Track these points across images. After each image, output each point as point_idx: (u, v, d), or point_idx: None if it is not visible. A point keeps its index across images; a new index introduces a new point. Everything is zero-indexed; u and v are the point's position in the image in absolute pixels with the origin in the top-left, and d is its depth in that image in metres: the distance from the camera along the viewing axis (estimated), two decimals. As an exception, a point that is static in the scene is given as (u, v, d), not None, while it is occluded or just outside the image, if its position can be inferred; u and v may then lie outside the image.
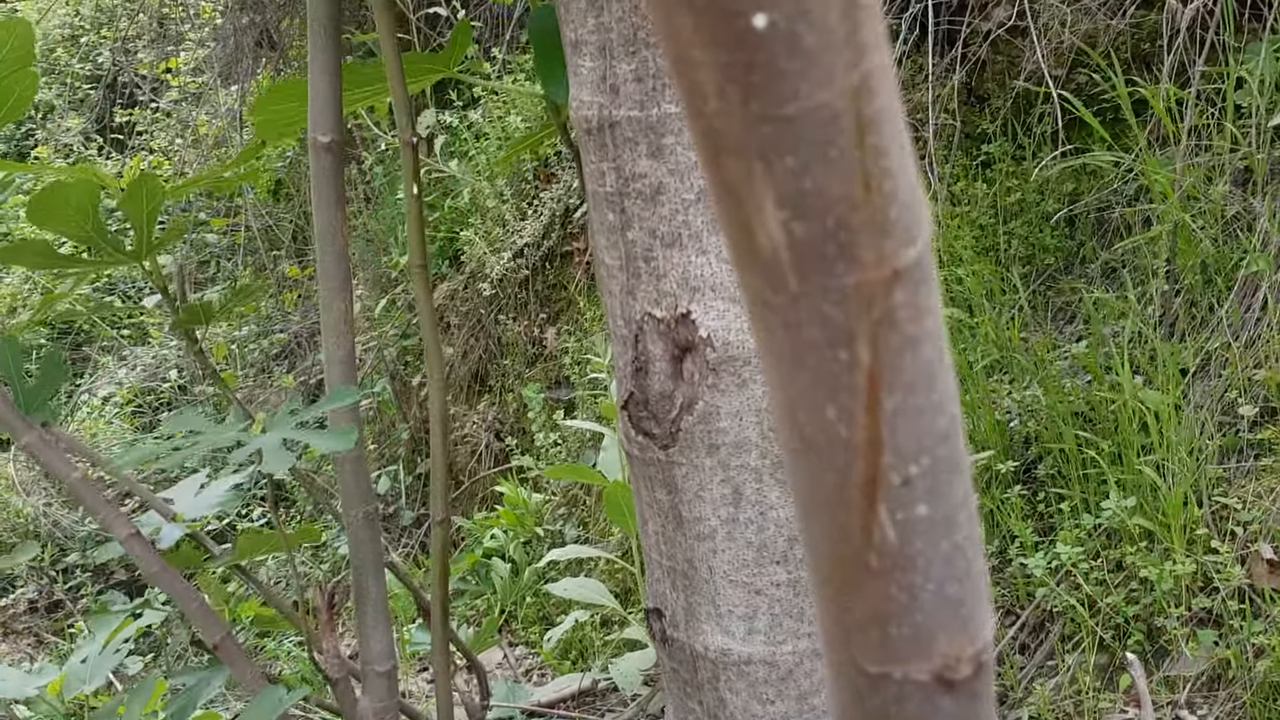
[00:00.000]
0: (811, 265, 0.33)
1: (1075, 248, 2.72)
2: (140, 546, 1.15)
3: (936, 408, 0.36)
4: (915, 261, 0.34)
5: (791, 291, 0.34)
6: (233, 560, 1.31)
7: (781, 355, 0.35)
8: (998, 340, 2.53)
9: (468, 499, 4.09)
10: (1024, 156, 2.82)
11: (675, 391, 1.06)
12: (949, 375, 0.36)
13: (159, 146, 6.57)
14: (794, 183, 0.32)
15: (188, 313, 1.24)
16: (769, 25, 0.29)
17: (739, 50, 0.29)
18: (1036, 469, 2.34)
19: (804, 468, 0.38)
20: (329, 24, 1.22)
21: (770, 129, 0.31)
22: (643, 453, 1.10)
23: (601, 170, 1.03)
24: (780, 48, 0.29)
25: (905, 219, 0.33)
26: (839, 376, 0.35)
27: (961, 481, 0.38)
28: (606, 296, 1.09)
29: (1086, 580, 2.07)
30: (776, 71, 0.30)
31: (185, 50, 6.36)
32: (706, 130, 0.32)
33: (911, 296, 0.34)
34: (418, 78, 1.29)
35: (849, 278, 0.33)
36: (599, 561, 3.09)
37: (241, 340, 5.74)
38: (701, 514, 1.07)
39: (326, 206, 1.22)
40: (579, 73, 1.02)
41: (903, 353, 0.35)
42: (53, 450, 1.14)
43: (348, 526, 1.22)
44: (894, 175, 0.32)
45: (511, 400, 4.03)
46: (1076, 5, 2.60)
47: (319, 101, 1.21)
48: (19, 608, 4.49)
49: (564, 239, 3.88)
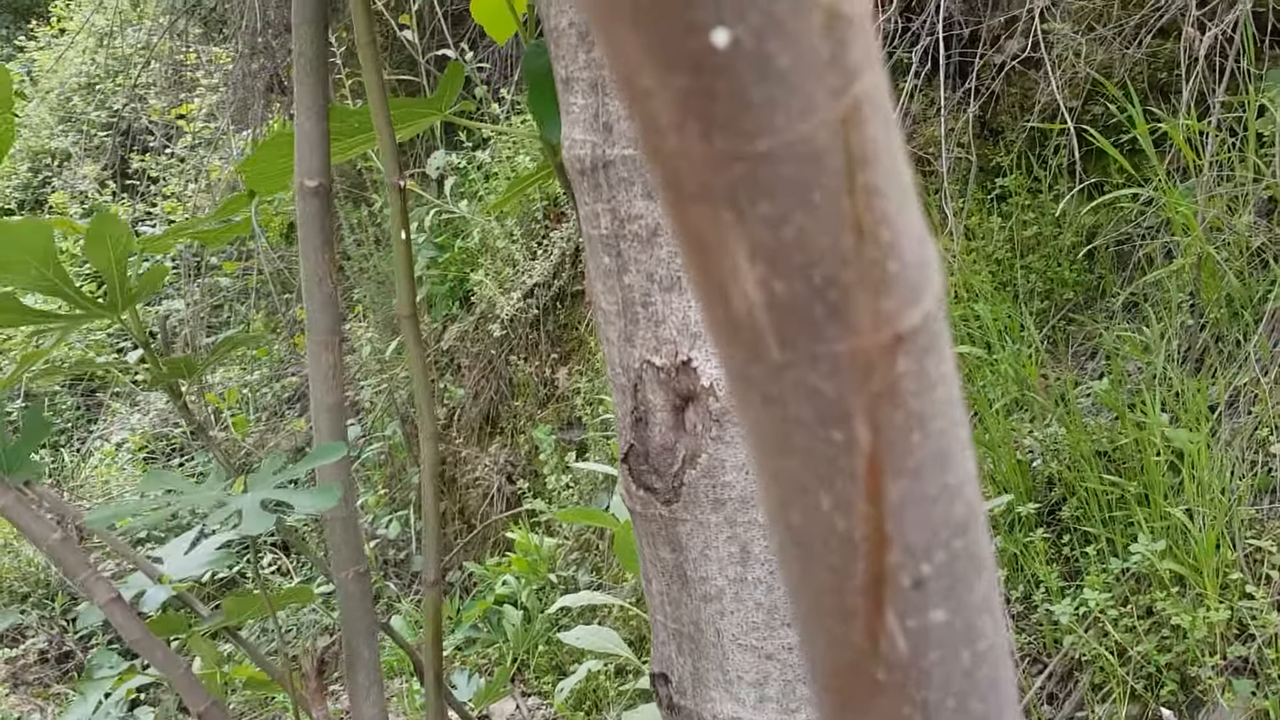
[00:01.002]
0: (796, 330, 0.28)
1: (1095, 282, 2.66)
2: (121, 613, 1.10)
3: (952, 494, 0.30)
4: (922, 323, 0.28)
5: (774, 361, 0.28)
6: (220, 624, 1.25)
7: (764, 435, 0.30)
8: (1017, 378, 2.47)
9: (480, 543, 4.03)
10: (1040, 190, 2.76)
11: (677, 443, 1.00)
12: (966, 455, 0.31)
13: (173, 191, 6.59)
14: (771, 233, 0.26)
15: (171, 367, 1.19)
16: (733, 43, 0.23)
17: (697, 75, 0.24)
18: (1060, 511, 2.27)
19: (796, 565, 0.32)
20: (315, 63, 1.18)
21: (740, 169, 0.25)
22: (644, 508, 1.04)
23: (596, 212, 0.98)
24: (748, 71, 0.24)
25: (908, 273, 0.28)
26: (834, 460, 0.29)
27: (984, 579, 0.32)
28: (604, 344, 1.04)
29: (1116, 627, 1.99)
30: (744, 100, 0.24)
31: (198, 96, 6.39)
32: (666, 173, 0.26)
33: (918, 365, 0.29)
34: (409, 122, 1.25)
35: (841, 344, 0.28)
36: (612, 608, 3.02)
37: (254, 384, 5.72)
38: (708, 574, 1.01)
39: (313, 251, 1.17)
40: (571, 111, 0.97)
41: (909, 431, 0.29)
42: (29, 512, 1.09)
43: (339, 588, 1.16)
44: (893, 221, 0.27)
45: (523, 442, 3.97)
46: (1091, 35, 2.55)
47: (306, 144, 1.17)
48: (29, 658, 4.44)
49: (574, 278, 3.84)
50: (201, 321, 6.10)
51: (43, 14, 9.03)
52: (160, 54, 6.25)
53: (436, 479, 1.08)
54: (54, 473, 5.60)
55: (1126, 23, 2.52)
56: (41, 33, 8.41)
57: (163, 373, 1.17)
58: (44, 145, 7.79)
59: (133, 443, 5.67)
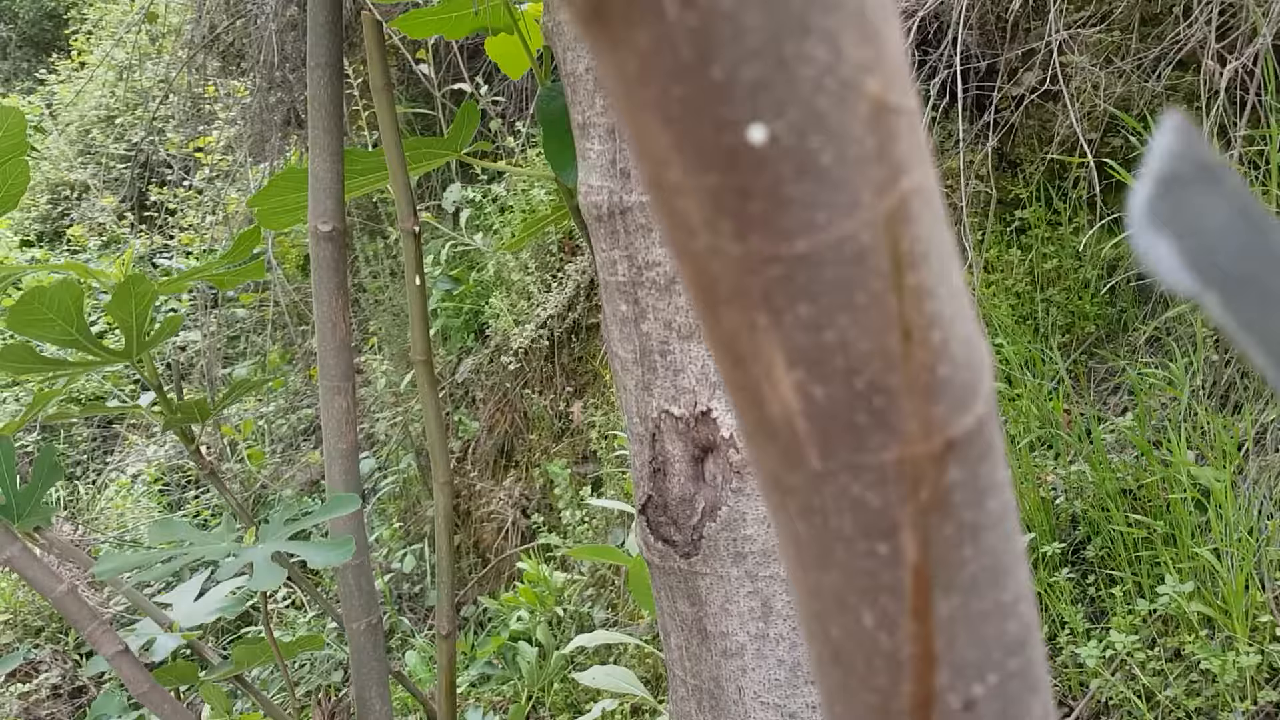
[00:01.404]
0: (837, 438, 0.25)
1: (1116, 316, 2.62)
2: (128, 666, 1.08)
3: (1006, 611, 0.28)
4: (975, 428, 0.26)
5: (813, 470, 0.26)
6: (230, 673, 1.23)
7: (803, 546, 0.28)
8: (1040, 413, 2.43)
9: (494, 577, 3.99)
10: (1060, 222, 2.74)
11: (696, 495, 0.98)
12: (1021, 568, 0.28)
13: (190, 223, 6.62)
14: (811, 337, 0.24)
15: (183, 410, 1.17)
16: (770, 140, 0.21)
17: (731, 172, 0.22)
18: (1085, 550, 2.23)
19: (836, 683, 0.30)
20: (330, 106, 1.17)
21: (777, 270, 0.23)
22: (663, 561, 1.01)
23: (613, 259, 0.96)
24: (787, 167, 0.22)
25: (960, 376, 0.25)
26: (877, 574, 0.27)
27: (1039, 700, 0.30)
28: (621, 392, 1.02)
29: (1143, 670, 1.94)
30: (782, 198, 0.22)
31: (216, 129, 6.43)
32: (696, 273, 0.24)
33: (970, 473, 0.26)
34: (423, 162, 1.23)
35: (888, 453, 0.25)
36: (628, 646, 2.98)
37: (269, 416, 5.72)
38: (728, 629, 0.98)
39: (328, 297, 1.16)
40: (587, 156, 0.95)
41: (961, 544, 0.27)
42: (37, 564, 1.07)
43: (350, 639, 1.14)
44: (943, 322, 0.25)
45: (538, 475, 3.95)
46: (1109, 69, 2.54)
47: (320, 187, 1.15)
48: (41, 693, 4.41)
49: (589, 311, 3.82)
50: (218, 353, 6.11)
51: (63, 48, 9.13)
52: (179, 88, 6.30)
53: (451, 531, 1.06)
54: (69, 504, 5.60)
55: (1145, 55, 2.50)
56: (62, 66, 8.50)
57: (175, 417, 1.16)
58: (63, 177, 7.86)
59: (148, 475, 5.67)
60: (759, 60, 0.21)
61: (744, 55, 0.21)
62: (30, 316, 0.99)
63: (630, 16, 0.20)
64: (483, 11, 1.20)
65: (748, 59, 0.21)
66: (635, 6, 0.20)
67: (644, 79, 0.21)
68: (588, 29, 0.21)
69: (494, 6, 1.19)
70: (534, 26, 1.25)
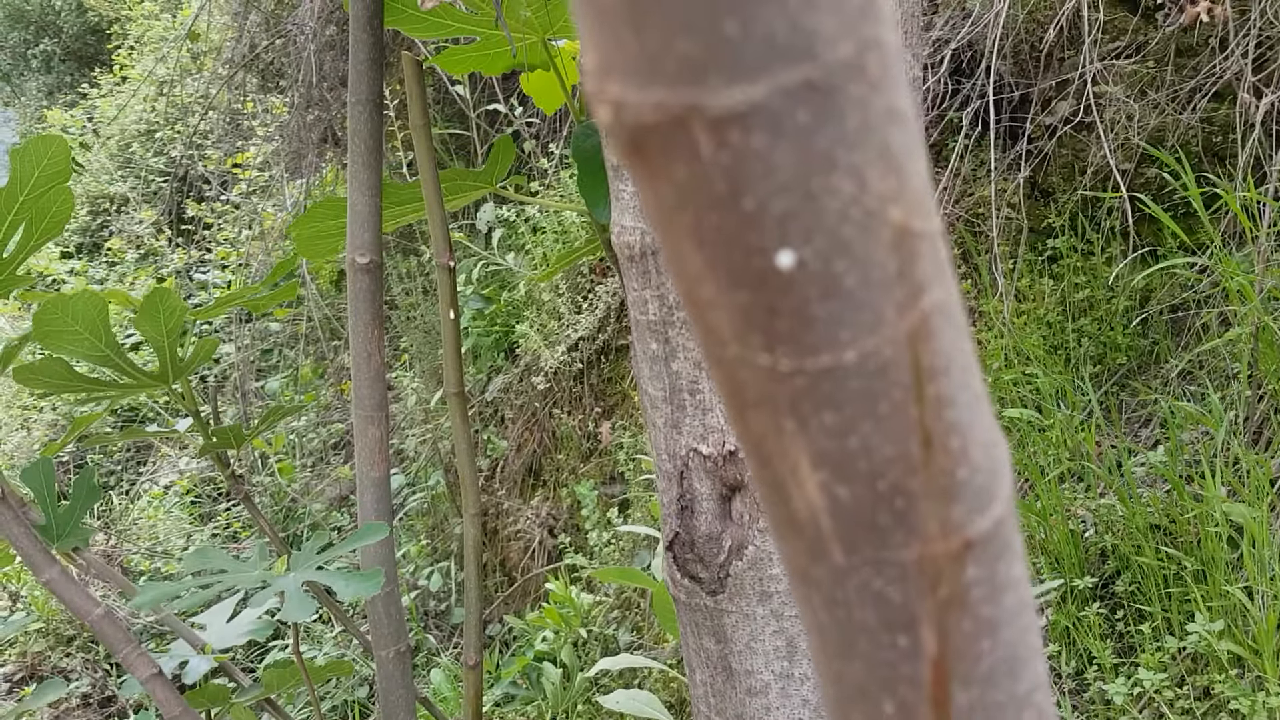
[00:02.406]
0: (860, 536, 0.26)
1: (1149, 347, 2.61)
2: (162, 689, 1.10)
3: (1021, 703, 0.29)
4: (993, 529, 0.27)
5: (837, 565, 0.27)
6: (261, 695, 1.25)
7: (826, 636, 0.29)
8: (1070, 445, 2.42)
9: (520, 597, 4.01)
10: (1092, 252, 2.73)
11: (723, 533, 0.99)
12: (1038, 661, 0.29)
13: (227, 238, 6.70)
14: (835, 442, 0.25)
15: (219, 436, 1.19)
16: (798, 264, 0.22)
17: (760, 291, 0.23)
18: (1114, 584, 2.21)
19: (855, 764, 0.30)
20: (370, 141, 1.19)
21: (803, 382, 0.24)
22: (689, 598, 1.02)
23: (644, 298, 0.98)
24: (812, 289, 0.23)
25: (979, 479, 0.26)
26: (898, 666, 0.28)
27: (1054, 786, 0.30)
28: (650, 429, 1.03)
29: (1171, 709, 1.93)
30: (808, 317, 0.23)
31: (254, 145, 6.52)
32: (726, 379, 0.25)
33: (988, 571, 0.27)
34: (459, 195, 1.25)
35: (908, 551, 0.26)
36: (652, 670, 2.98)
37: (300, 430, 5.76)
38: (753, 667, 0.99)
39: (363, 328, 1.18)
40: (620, 198, 0.97)
41: (978, 639, 0.28)
42: (74, 587, 1.10)
43: (379, 666, 1.15)
44: (963, 429, 0.26)
45: (565, 496, 3.96)
46: (1143, 100, 2.53)
47: (358, 221, 1.17)
48: (72, 703, 4.46)
49: (619, 333, 3.84)
50: (251, 366, 6.17)
51: (106, 62, 9.28)
52: (218, 104, 6.39)
53: (479, 561, 1.07)
54: (102, 514, 5.66)
55: (1180, 87, 2.49)
56: (104, 80, 8.63)
57: (211, 443, 1.18)
58: (103, 190, 7.98)
59: (180, 486, 5.72)
60: (788, 194, 0.22)
61: (774, 189, 0.22)
62: (54, 328, 1.01)
63: (669, 152, 0.22)
64: (519, 49, 1.22)
65: (777, 192, 0.22)
66: (673, 145, 0.21)
67: (680, 206, 0.23)
68: (628, 161, 0.22)
69: (530, 44, 1.20)
70: (569, 63, 1.27)
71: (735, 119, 0.21)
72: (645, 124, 0.21)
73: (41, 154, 1.18)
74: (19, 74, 11.31)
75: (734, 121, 0.21)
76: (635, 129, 0.22)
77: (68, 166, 1.21)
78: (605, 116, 0.22)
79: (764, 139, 0.21)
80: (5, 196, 1.18)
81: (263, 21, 5.47)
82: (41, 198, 1.20)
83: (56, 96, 10.66)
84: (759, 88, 0.21)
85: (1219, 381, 2.32)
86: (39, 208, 1.20)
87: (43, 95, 10.96)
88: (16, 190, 1.19)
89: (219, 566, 1.01)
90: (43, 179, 1.19)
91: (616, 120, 0.22)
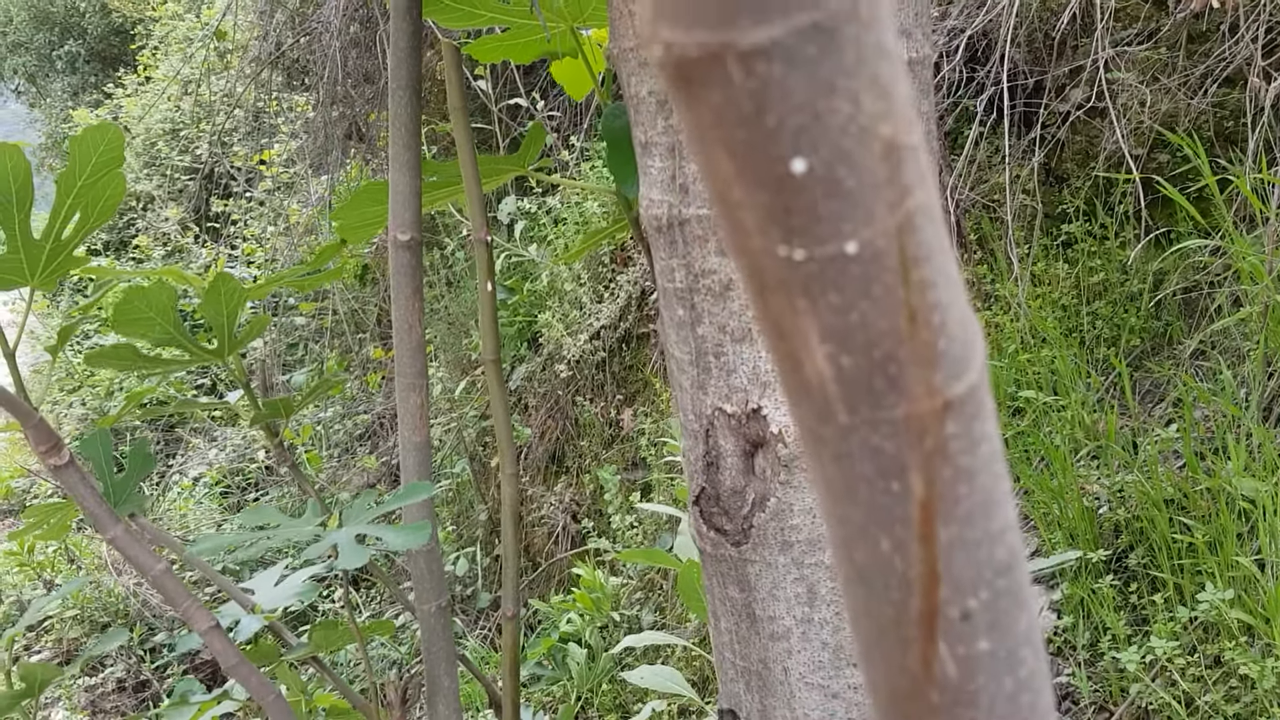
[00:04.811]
0: (860, 398, 0.33)
1: (1162, 328, 2.66)
2: (219, 640, 1.17)
3: (995, 539, 0.35)
4: (968, 392, 0.33)
5: (841, 424, 0.33)
6: (308, 652, 1.32)
7: (833, 487, 0.35)
8: (1085, 424, 2.47)
9: (544, 581, 4.08)
10: (1106, 236, 2.78)
11: (747, 487, 1.05)
12: (1008, 505, 0.35)
13: (252, 234, 6.81)
14: (838, 318, 0.31)
15: (269, 407, 1.27)
16: (808, 170, 0.29)
17: (779, 193, 0.29)
18: (1128, 558, 2.26)
19: (860, 601, 0.37)
20: (410, 124, 1.26)
21: (812, 267, 0.31)
22: (715, 549, 1.08)
23: (671, 267, 1.04)
24: (819, 190, 0.29)
25: (956, 350, 0.33)
26: (892, 509, 0.34)
27: (1025, 615, 0.37)
28: (677, 390, 1.09)
29: (1183, 676, 1.98)
30: (816, 213, 0.30)
31: (279, 142, 6.62)
32: (750, 267, 0.32)
33: (965, 427, 0.34)
34: (493, 177, 1.32)
35: (899, 410, 0.33)
36: (676, 648, 3.05)
37: (327, 421, 5.86)
38: (775, 613, 1.05)
39: (405, 301, 1.25)
40: (649, 172, 1.03)
41: (957, 484, 0.34)
42: (137, 544, 1.17)
43: (421, 620, 1.22)
44: (942, 308, 0.32)
45: (588, 481, 4.03)
46: (1156, 85, 2.57)
47: (399, 199, 1.24)
48: (107, 686, 4.57)
49: (640, 321, 3.91)
50: (278, 359, 6.27)
51: (130, 62, 9.41)
52: (244, 102, 6.49)
53: (517, 516, 1.14)
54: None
55: (1191, 72, 2.53)
56: (129, 80, 8.76)
57: (262, 413, 1.25)
58: (130, 188, 8.09)
59: (209, 477, 5.83)
60: (800, 112, 0.28)
61: (789, 109, 0.28)
62: (132, 315, 1.09)
63: (707, 81, 0.28)
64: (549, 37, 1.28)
65: (792, 112, 0.28)
66: (711, 75, 0.28)
67: (716, 125, 0.29)
68: (674, 88, 0.29)
69: (559, 33, 1.27)
70: (596, 51, 1.34)
71: (760, 53, 0.28)
72: (690, 59, 0.28)
73: (98, 141, 1.26)
74: (44, 75, 11.47)
75: (759, 55, 0.28)
76: (681, 63, 0.28)
77: (121, 154, 1.28)
78: (657, 53, 0.28)
79: (782, 69, 0.28)
80: (64, 181, 1.25)
81: (288, 19, 5.56)
82: (97, 183, 1.27)
83: (81, 97, 10.80)
84: (778, 28, 0.27)
85: (1231, 360, 2.36)
86: (94, 192, 1.28)
87: (68, 96, 11.11)
88: (75, 175, 1.26)
89: (275, 521, 1.08)
90: (99, 165, 1.26)
91: (667, 56, 0.28)
